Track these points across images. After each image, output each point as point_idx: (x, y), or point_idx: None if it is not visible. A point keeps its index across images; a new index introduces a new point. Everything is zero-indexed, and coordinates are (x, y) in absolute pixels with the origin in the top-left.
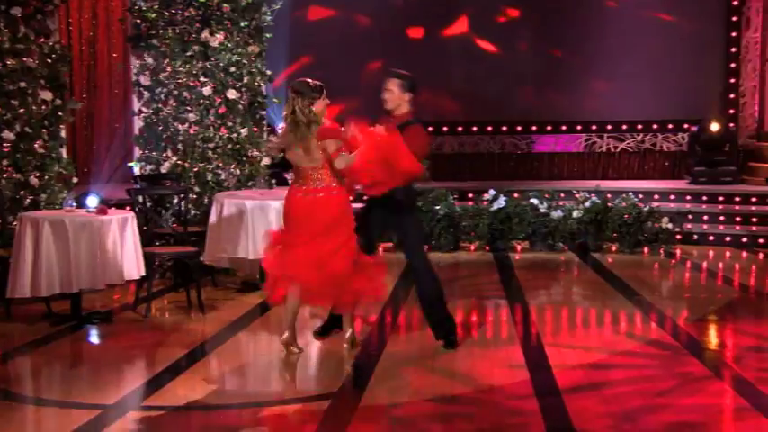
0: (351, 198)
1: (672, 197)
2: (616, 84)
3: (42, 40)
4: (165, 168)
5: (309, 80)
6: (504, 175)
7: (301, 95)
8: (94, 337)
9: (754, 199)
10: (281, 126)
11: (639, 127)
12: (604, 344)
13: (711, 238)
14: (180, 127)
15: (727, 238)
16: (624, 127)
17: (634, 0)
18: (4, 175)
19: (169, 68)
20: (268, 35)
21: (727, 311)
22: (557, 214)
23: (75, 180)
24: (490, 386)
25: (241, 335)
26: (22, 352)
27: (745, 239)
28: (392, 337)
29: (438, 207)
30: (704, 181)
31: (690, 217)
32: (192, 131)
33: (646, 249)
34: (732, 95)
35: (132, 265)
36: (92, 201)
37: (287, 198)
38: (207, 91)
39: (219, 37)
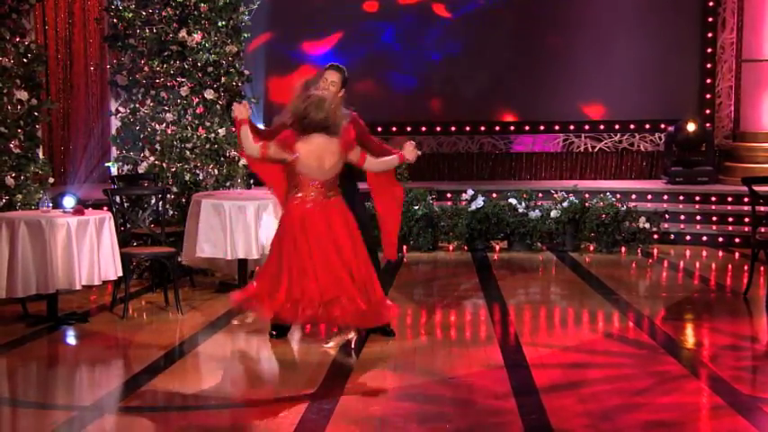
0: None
1: (649, 197)
2: (593, 84)
3: (18, 39)
4: (142, 168)
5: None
6: (482, 175)
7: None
8: (71, 338)
9: (730, 198)
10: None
11: (617, 127)
12: (582, 343)
13: (688, 237)
14: (157, 127)
15: (704, 238)
16: (602, 127)
17: (611, 1)
18: None
19: (146, 68)
20: (246, 35)
21: (704, 311)
22: (535, 214)
23: (51, 180)
24: (468, 386)
25: (219, 335)
26: None
27: (721, 239)
28: (370, 337)
29: (416, 207)
30: (681, 181)
31: (667, 216)
32: (169, 131)
33: (623, 249)
34: (708, 96)
35: (109, 265)
36: (68, 201)
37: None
38: (184, 91)
39: (197, 37)
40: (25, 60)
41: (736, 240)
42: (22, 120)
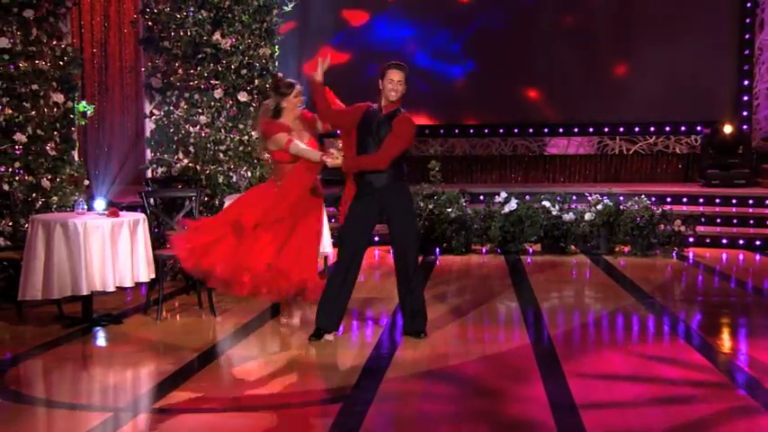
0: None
1: (684, 199)
2: (629, 85)
3: (54, 42)
4: (176, 171)
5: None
6: (515, 178)
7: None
8: (106, 340)
9: None
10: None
11: (652, 129)
12: (617, 349)
13: (725, 240)
14: (191, 129)
15: (741, 241)
16: (637, 129)
17: (647, 2)
18: (16, 178)
19: (180, 71)
20: (279, 37)
21: (741, 315)
22: (569, 217)
23: (86, 182)
24: (501, 391)
25: (252, 337)
26: (34, 354)
27: (758, 242)
28: (403, 340)
29: (449, 210)
30: (717, 183)
31: (703, 219)
32: (203, 134)
33: (658, 252)
34: (745, 97)
35: (143, 267)
36: (99, 204)
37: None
38: (218, 93)
39: (231, 39)
40: (61, 63)
41: None
42: (58, 122)
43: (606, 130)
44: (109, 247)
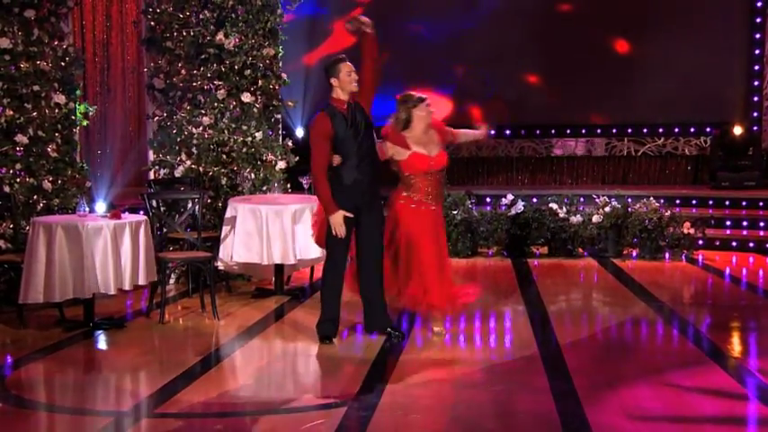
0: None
1: (694, 202)
2: (637, 86)
3: (56, 42)
4: (179, 172)
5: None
6: (522, 180)
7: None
8: (107, 343)
9: None
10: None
11: (661, 130)
12: (625, 352)
13: (734, 243)
14: (194, 130)
15: (751, 244)
16: (645, 130)
17: (656, 1)
18: (18, 180)
19: (183, 71)
20: (283, 37)
21: (751, 318)
22: (576, 219)
23: (88, 184)
24: (507, 395)
25: (255, 341)
26: (35, 358)
27: None
28: (407, 344)
29: (455, 212)
30: (727, 185)
31: (712, 222)
32: (206, 135)
33: (667, 255)
34: (756, 98)
35: (146, 270)
36: (100, 207)
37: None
38: (221, 94)
39: (234, 39)
40: (63, 64)
41: None
42: (59, 123)
43: (614, 131)
44: (111, 250)
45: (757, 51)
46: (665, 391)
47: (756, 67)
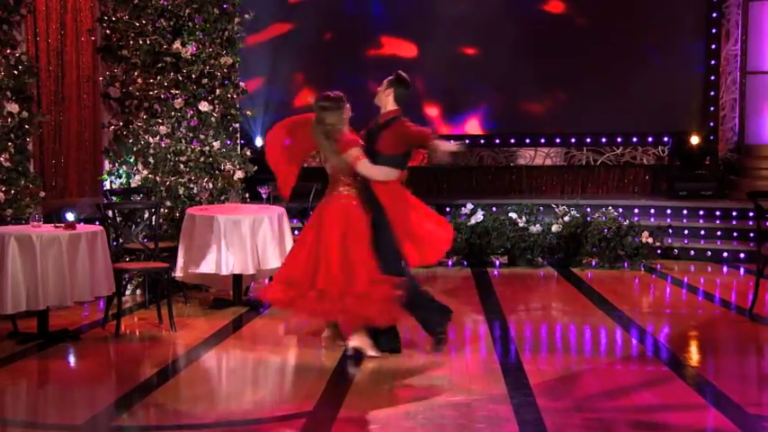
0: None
1: (652, 211)
2: (595, 96)
3: (8, 51)
4: (135, 182)
5: (330, 93)
6: (482, 189)
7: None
8: (62, 356)
9: (734, 213)
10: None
11: (619, 140)
12: (584, 360)
13: (692, 252)
14: (151, 140)
15: (708, 253)
16: (604, 140)
17: (614, 12)
18: None
19: (140, 80)
20: (240, 46)
21: (708, 327)
22: (536, 229)
23: (42, 194)
24: (468, 404)
25: (213, 352)
26: None
27: (726, 254)
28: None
29: None
30: (684, 195)
31: (670, 231)
32: (163, 144)
33: (626, 264)
34: (712, 108)
35: (102, 281)
36: (69, 216)
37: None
38: (178, 103)
39: (191, 48)
40: (16, 72)
41: (741, 256)
42: (12, 133)
43: (573, 140)
44: (66, 261)
45: (713, 62)
46: (623, 399)
47: (713, 78)
